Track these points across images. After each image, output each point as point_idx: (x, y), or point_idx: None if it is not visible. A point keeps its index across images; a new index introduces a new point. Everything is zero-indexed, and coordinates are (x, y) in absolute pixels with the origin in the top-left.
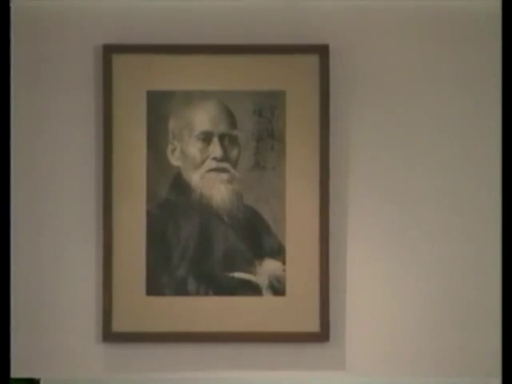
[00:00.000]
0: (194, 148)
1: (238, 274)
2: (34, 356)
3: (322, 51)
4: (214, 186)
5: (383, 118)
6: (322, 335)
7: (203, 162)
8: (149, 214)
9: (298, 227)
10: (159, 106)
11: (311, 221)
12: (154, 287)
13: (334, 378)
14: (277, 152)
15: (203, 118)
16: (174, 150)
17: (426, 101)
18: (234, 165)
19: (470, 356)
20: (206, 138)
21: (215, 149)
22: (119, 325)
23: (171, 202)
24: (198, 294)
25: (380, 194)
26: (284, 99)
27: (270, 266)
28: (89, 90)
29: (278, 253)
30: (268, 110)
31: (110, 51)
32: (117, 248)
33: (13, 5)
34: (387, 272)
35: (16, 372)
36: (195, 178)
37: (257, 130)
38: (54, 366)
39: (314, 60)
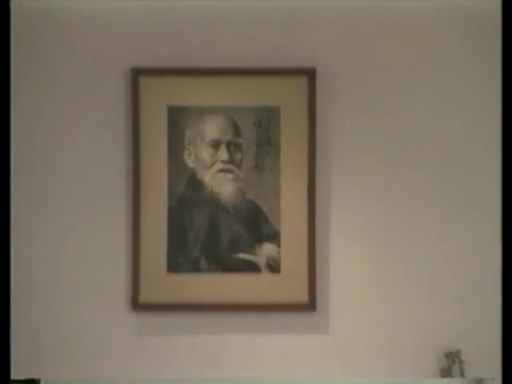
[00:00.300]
0: (205, 153)
1: (241, 255)
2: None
3: (310, 73)
4: (222, 184)
5: (362, 128)
6: (310, 306)
7: (213, 164)
8: (169, 207)
9: (290, 217)
10: (177, 119)
11: (301, 212)
12: (173, 266)
13: (319, 341)
14: (273, 156)
15: (213, 128)
16: (189, 155)
17: (402, 109)
18: (238, 166)
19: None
20: (216, 144)
21: (223, 153)
22: (145, 297)
23: (187, 196)
24: (208, 271)
25: (359, 188)
26: (279, 113)
27: (267, 249)
28: (119, 105)
29: (274, 238)
30: (266, 122)
31: (137, 74)
32: (143, 235)
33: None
34: (367, 253)
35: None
36: (207, 178)
37: (257, 138)
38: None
39: (303, 81)
